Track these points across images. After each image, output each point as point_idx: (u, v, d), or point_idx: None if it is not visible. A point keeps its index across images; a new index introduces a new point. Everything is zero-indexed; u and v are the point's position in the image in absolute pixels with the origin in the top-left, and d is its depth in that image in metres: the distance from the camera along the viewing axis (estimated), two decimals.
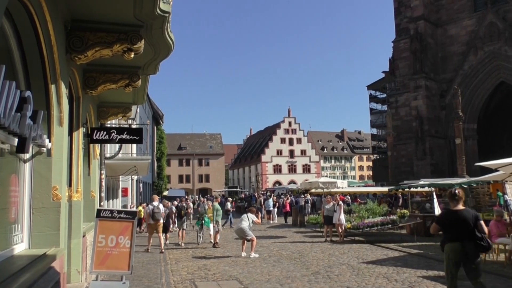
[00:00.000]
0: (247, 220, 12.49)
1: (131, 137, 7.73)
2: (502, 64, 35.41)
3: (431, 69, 38.65)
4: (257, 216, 14.39)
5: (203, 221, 15.56)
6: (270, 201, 26.88)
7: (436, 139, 37.82)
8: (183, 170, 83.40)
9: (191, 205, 19.81)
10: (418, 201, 21.23)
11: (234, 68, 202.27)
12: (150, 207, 14.25)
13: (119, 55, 5.56)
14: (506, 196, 18.39)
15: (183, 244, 15.23)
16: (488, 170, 13.53)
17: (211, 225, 15.26)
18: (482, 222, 5.88)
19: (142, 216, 18.22)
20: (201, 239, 15.70)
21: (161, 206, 14.46)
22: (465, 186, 15.44)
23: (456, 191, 6.16)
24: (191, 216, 18.06)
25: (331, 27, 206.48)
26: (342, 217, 15.39)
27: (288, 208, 25.48)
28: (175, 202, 18.85)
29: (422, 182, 19.03)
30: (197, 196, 54.25)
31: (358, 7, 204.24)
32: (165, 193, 49.24)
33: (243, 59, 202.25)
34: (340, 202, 16.03)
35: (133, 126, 13.58)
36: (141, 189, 32.79)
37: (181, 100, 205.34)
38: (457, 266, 5.81)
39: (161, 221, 14.18)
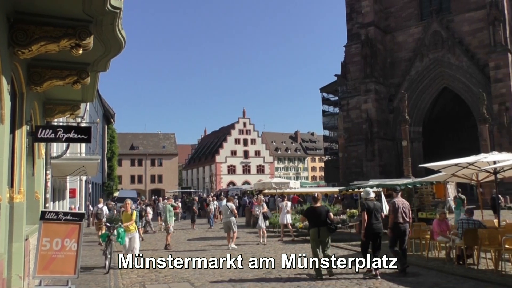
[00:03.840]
0: (230, 211, 13.94)
1: (79, 136, 7.43)
2: (445, 71, 37.49)
3: (380, 73, 40.20)
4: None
5: (114, 234, 10.64)
6: (224, 202, 26.72)
7: (384, 141, 39.36)
8: (135, 171, 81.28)
9: (149, 209, 21.49)
10: None
11: (188, 67, 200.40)
12: (95, 208, 16.76)
13: (66, 50, 5.35)
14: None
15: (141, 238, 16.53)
16: (432, 171, 14.22)
17: (126, 239, 10.48)
18: (331, 214, 9.26)
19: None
20: (107, 262, 10.29)
21: (104, 207, 16.93)
22: (410, 187, 16.12)
23: (316, 194, 9.82)
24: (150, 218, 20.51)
25: (286, 30, 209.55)
26: (288, 216, 15.53)
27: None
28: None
29: (371, 182, 19.66)
30: (154, 197, 52.97)
31: (311, 11, 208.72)
32: (116, 194, 47.70)
33: (198, 58, 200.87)
34: (282, 203, 15.97)
35: (82, 125, 13.11)
36: (90, 190, 31.69)
37: (134, 99, 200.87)
38: (317, 243, 8.89)
39: (104, 220, 15.83)
